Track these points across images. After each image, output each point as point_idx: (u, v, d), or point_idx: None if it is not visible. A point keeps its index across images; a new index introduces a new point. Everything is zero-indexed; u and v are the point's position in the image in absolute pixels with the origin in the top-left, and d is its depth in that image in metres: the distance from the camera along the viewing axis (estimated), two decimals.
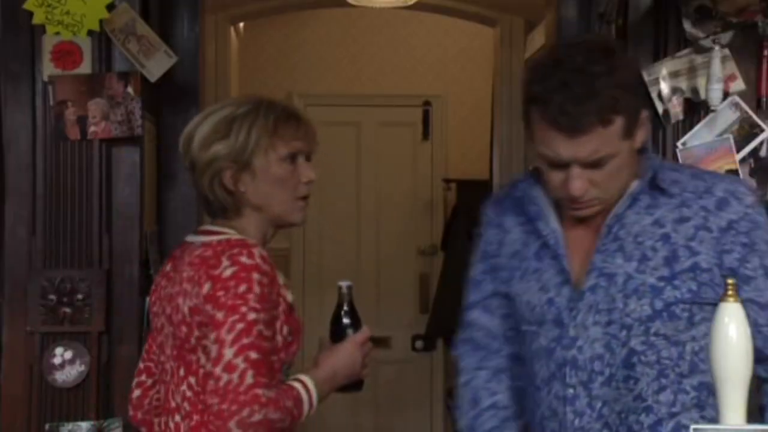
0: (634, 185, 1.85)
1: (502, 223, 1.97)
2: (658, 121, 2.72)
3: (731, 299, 1.45)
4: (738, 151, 2.69)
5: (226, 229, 1.97)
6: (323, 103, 6.55)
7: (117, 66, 2.75)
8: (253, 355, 1.80)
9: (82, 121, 2.71)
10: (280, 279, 1.94)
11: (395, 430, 4.91)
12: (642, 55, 2.74)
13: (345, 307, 2.03)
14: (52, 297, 2.74)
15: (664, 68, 2.70)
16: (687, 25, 2.69)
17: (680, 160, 2.69)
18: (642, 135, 1.80)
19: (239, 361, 1.79)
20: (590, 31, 3.13)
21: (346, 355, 1.99)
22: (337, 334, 2.03)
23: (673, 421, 1.83)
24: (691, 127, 2.72)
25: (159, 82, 2.77)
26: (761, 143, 2.71)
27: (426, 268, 6.44)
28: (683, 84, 2.71)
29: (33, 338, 2.76)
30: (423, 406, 6.09)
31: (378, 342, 7.06)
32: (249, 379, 1.78)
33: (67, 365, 2.75)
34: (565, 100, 1.69)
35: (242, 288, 1.83)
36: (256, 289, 1.83)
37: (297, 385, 1.90)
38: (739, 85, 2.71)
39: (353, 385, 2.02)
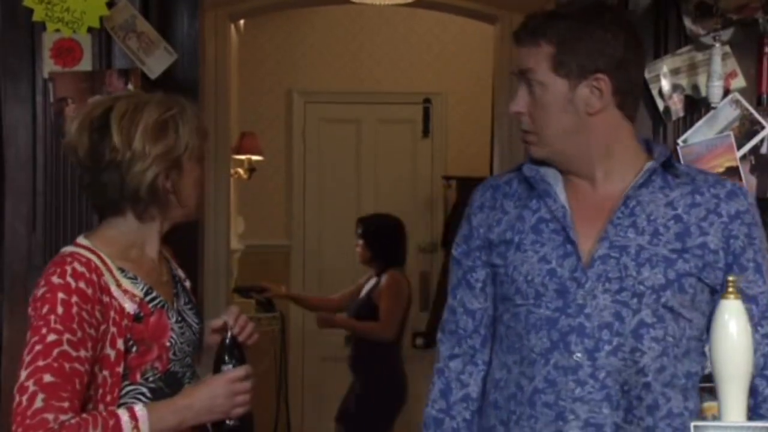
0: (649, 163, 1.92)
1: (502, 206, 1.99)
2: (659, 119, 2.72)
3: (731, 296, 1.45)
4: (738, 148, 2.69)
5: (82, 239, 1.96)
6: (323, 101, 6.56)
7: (117, 63, 2.75)
8: (48, 378, 1.77)
9: None
10: (127, 286, 1.91)
11: (396, 426, 4.90)
12: None
13: (227, 342, 1.97)
14: None
15: (665, 65, 2.70)
16: (687, 22, 2.69)
17: (681, 158, 2.69)
18: (589, 96, 1.87)
19: (30, 384, 1.78)
20: None
21: (207, 390, 1.91)
22: (215, 368, 1.98)
23: (667, 406, 1.86)
24: (691, 125, 2.72)
25: (159, 79, 2.77)
26: (762, 140, 2.71)
27: (426, 265, 6.44)
28: (684, 81, 2.71)
29: None
30: (424, 402, 6.09)
31: None
32: (38, 402, 1.76)
33: None
34: (533, 17, 1.93)
35: (45, 309, 1.82)
36: (59, 309, 1.81)
37: (123, 414, 1.82)
38: (739, 82, 2.71)
39: (233, 428, 1.94)
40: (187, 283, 2.14)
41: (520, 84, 1.94)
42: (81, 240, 1.97)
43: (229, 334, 1.99)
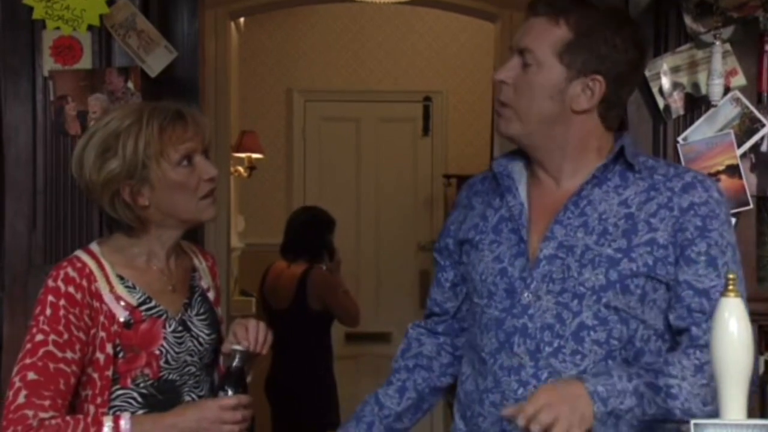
0: (599, 163, 1.88)
1: (471, 203, 2.02)
2: (659, 117, 2.72)
3: (732, 294, 1.45)
4: (739, 146, 2.69)
5: (93, 245, 2.00)
6: (323, 99, 6.57)
7: (117, 61, 2.75)
8: (31, 375, 1.83)
9: (82, 117, 2.71)
10: (122, 293, 1.93)
11: None
12: None
13: (231, 369, 1.96)
14: None
15: (665, 63, 2.70)
16: (688, 20, 2.69)
17: (681, 155, 2.69)
18: (580, 94, 1.85)
19: (17, 380, 1.84)
20: None
21: (196, 412, 1.90)
22: (215, 393, 1.98)
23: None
24: (691, 123, 2.71)
25: (159, 78, 2.77)
26: (762, 138, 2.71)
27: (426, 264, 6.44)
28: (684, 79, 2.71)
29: None
30: None
31: (378, 337, 7.10)
32: (21, 398, 1.82)
33: None
34: None
35: (37, 310, 1.89)
36: (47, 311, 1.87)
37: (107, 421, 1.85)
38: (740, 80, 2.70)
39: None
40: (211, 294, 2.13)
41: (514, 55, 1.89)
42: (92, 245, 2.01)
43: (234, 363, 1.96)
